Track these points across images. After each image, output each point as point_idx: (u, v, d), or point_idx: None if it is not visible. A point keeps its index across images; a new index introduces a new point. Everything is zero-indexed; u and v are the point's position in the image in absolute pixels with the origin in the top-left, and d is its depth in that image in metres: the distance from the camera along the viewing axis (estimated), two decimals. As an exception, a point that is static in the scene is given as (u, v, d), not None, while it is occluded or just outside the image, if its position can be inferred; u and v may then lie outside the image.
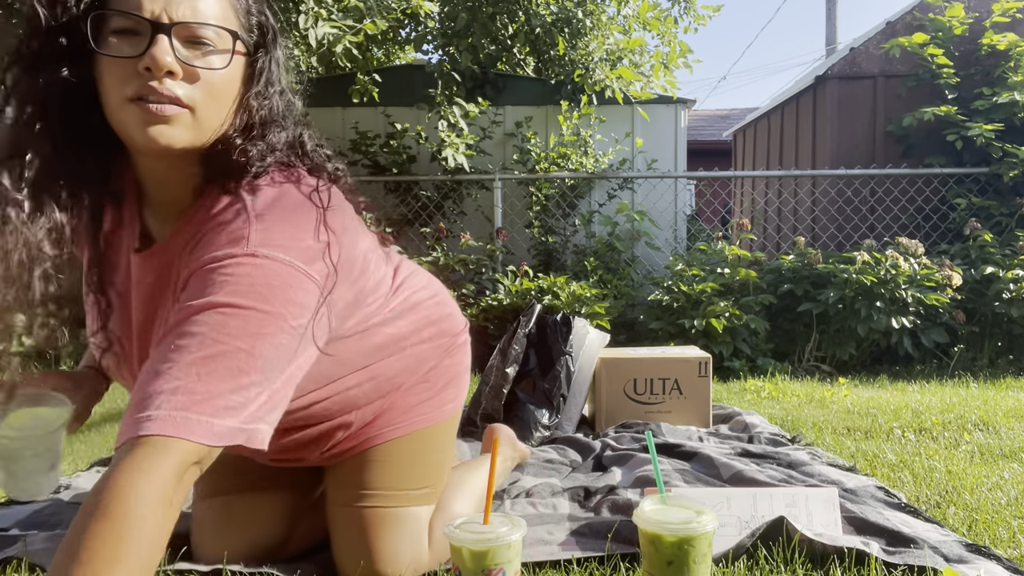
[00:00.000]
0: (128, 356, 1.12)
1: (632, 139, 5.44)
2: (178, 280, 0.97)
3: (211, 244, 0.92)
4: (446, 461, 1.40)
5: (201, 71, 0.92)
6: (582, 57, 5.67)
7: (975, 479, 1.81)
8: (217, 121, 0.96)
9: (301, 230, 0.95)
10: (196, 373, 0.82)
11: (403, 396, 1.30)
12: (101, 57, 0.90)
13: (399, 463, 1.31)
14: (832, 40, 13.01)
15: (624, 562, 1.28)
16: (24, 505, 1.64)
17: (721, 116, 15.81)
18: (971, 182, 4.78)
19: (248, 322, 0.86)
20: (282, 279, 0.90)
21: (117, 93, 0.89)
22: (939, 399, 3.00)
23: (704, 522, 1.04)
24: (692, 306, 4.03)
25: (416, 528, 1.28)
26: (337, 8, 4.55)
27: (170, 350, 0.84)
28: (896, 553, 1.28)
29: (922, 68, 5.16)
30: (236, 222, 0.93)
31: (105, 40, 0.89)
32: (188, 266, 0.93)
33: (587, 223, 5.04)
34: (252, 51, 0.99)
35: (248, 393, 0.84)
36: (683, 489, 1.54)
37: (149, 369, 0.83)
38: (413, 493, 1.31)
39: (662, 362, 2.45)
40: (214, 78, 0.93)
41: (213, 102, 0.94)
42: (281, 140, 1.02)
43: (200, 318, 0.85)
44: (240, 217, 0.93)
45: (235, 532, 1.31)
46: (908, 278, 3.93)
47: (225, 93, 0.95)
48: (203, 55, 0.92)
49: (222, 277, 0.88)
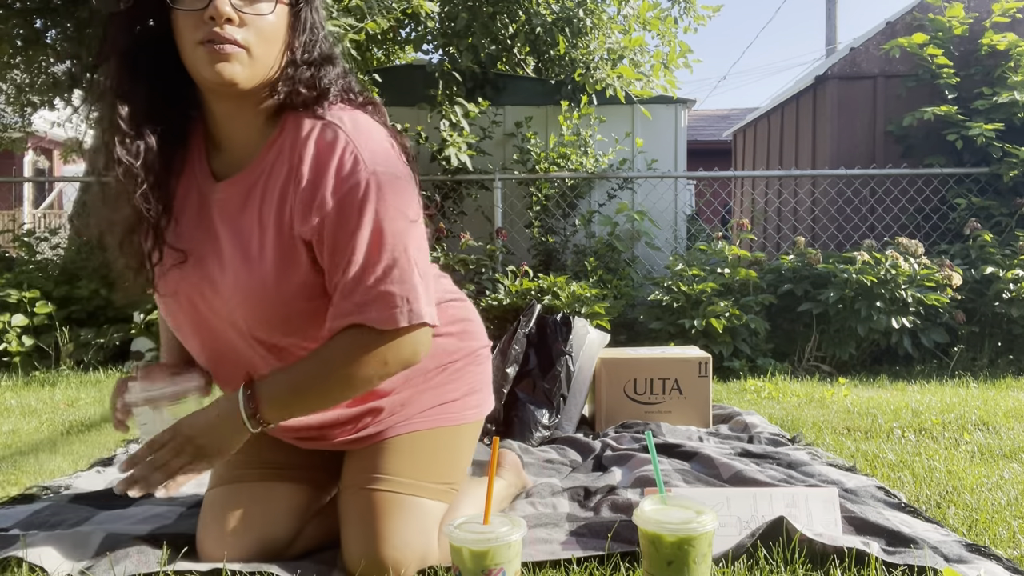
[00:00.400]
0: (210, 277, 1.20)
1: (632, 139, 5.44)
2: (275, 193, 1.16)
3: (326, 165, 1.13)
4: (463, 464, 1.40)
5: (252, 16, 1.10)
6: (583, 56, 5.67)
7: (975, 479, 1.81)
8: (269, 59, 1.14)
9: (387, 147, 1.17)
10: (423, 275, 1.15)
11: (429, 391, 1.36)
12: (177, 12, 1.10)
13: (417, 454, 1.33)
14: (832, 40, 13.01)
15: (624, 562, 1.28)
16: (24, 505, 1.64)
17: (721, 116, 15.81)
18: (971, 182, 4.78)
19: (412, 230, 1.15)
20: (403, 188, 1.15)
21: (190, 38, 1.09)
22: (939, 399, 3.00)
23: (704, 522, 1.04)
24: (692, 306, 4.03)
25: (426, 520, 1.28)
26: (338, 8, 4.55)
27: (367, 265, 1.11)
28: (896, 553, 1.28)
29: (922, 68, 5.15)
30: (339, 143, 1.13)
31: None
32: (308, 184, 1.13)
33: (587, 223, 5.04)
34: (294, 2, 1.16)
35: (428, 283, 1.17)
36: (683, 489, 1.54)
37: (357, 282, 1.11)
38: (427, 485, 1.31)
39: (662, 362, 2.45)
40: (263, 22, 1.11)
41: (264, 43, 1.12)
42: (337, 73, 1.21)
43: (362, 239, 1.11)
44: (340, 138, 1.13)
45: (244, 520, 1.30)
46: (908, 278, 3.93)
47: (273, 35, 1.13)
48: (253, 4, 1.10)
49: (362, 198, 1.11)
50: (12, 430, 2.55)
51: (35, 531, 1.41)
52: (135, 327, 4.11)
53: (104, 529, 1.39)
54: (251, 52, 1.10)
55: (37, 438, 2.45)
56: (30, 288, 4.25)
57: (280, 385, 1.16)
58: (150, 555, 1.27)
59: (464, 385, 1.41)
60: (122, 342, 4.16)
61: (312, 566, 1.28)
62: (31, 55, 7.02)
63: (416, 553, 1.24)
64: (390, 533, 1.24)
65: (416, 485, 1.30)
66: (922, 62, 5.14)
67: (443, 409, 1.38)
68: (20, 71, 7.87)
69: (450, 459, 1.38)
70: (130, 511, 1.59)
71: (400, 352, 1.16)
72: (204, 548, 1.29)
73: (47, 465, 2.08)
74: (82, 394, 3.28)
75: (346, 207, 1.11)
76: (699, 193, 8.52)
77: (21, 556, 1.26)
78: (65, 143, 10.00)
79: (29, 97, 8.26)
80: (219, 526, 1.29)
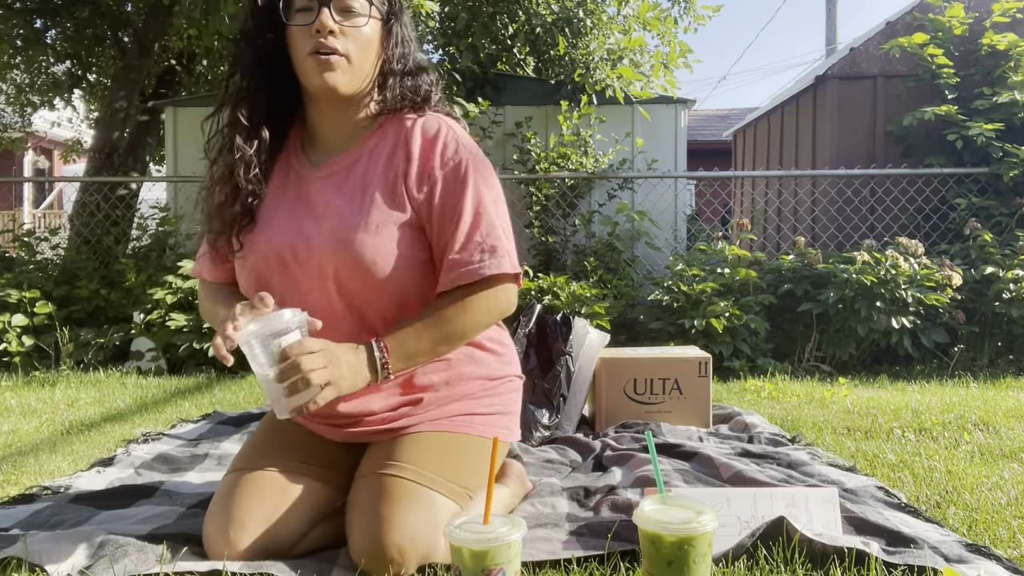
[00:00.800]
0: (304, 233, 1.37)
1: (632, 139, 5.44)
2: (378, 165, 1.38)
3: (432, 147, 1.37)
4: (480, 476, 1.38)
5: (350, 29, 1.33)
6: (583, 56, 5.67)
7: (975, 479, 1.81)
8: (366, 67, 1.37)
9: (471, 138, 1.44)
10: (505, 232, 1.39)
11: (464, 399, 1.44)
12: (291, 28, 1.33)
13: (437, 451, 1.35)
14: (832, 40, 13.02)
15: (624, 562, 1.28)
16: (24, 505, 1.64)
17: (721, 116, 15.81)
18: (971, 182, 4.77)
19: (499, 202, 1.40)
20: (489, 167, 1.41)
21: (301, 50, 1.33)
22: (939, 399, 3.00)
23: (704, 522, 1.04)
24: (692, 306, 4.03)
25: (437, 515, 1.26)
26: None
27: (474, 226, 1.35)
28: (896, 553, 1.28)
29: (922, 68, 5.15)
30: (442, 131, 1.38)
31: (291, 16, 1.33)
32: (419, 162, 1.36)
33: (587, 223, 5.03)
34: (385, 17, 1.39)
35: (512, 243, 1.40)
36: (683, 489, 1.54)
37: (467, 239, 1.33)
38: (443, 481, 1.31)
39: (662, 362, 2.45)
40: (359, 34, 1.34)
41: (361, 51, 1.35)
42: (432, 80, 1.45)
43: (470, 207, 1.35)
44: (442, 127, 1.39)
45: (255, 513, 1.29)
46: (908, 278, 3.93)
47: (368, 46, 1.36)
48: (351, 18, 1.33)
49: (464, 174, 1.36)
50: (12, 430, 2.56)
51: (35, 531, 1.41)
52: (135, 327, 4.11)
53: (104, 529, 1.39)
54: (350, 59, 1.33)
55: (37, 438, 2.45)
56: (30, 288, 4.25)
57: (406, 337, 1.31)
58: (150, 555, 1.27)
59: (497, 403, 1.49)
60: (122, 342, 4.16)
61: (313, 565, 1.27)
62: (31, 55, 7.03)
63: (422, 546, 1.22)
64: (398, 520, 1.22)
65: (431, 478, 1.30)
66: (922, 62, 5.14)
67: (471, 419, 1.43)
68: (20, 71, 7.88)
69: (469, 465, 1.37)
70: (130, 511, 1.59)
71: (500, 301, 1.37)
72: (209, 535, 1.29)
73: (47, 465, 2.08)
74: (82, 394, 3.28)
75: (451, 180, 1.36)
76: (699, 193, 8.51)
77: (21, 556, 1.26)
78: (65, 143, 10.02)
79: (29, 97, 8.27)
80: (228, 515, 1.28)
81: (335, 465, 1.41)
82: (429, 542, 1.23)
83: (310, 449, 1.42)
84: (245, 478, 1.34)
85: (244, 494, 1.31)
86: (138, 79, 6.10)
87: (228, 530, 1.27)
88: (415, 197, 1.35)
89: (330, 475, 1.39)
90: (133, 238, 5.26)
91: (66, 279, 4.56)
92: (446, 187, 1.35)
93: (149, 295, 4.13)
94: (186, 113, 5.58)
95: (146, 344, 4.07)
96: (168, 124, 5.61)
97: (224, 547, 1.26)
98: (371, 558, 1.20)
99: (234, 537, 1.26)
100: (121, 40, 6.95)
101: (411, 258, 1.35)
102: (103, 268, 4.79)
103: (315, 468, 1.38)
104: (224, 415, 2.70)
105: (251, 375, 3.81)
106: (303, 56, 1.32)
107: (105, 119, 5.96)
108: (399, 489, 1.26)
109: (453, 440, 1.39)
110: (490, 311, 1.37)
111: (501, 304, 1.38)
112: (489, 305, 1.36)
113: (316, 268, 1.35)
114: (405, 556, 1.20)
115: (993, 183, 4.71)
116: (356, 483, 1.33)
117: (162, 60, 7.32)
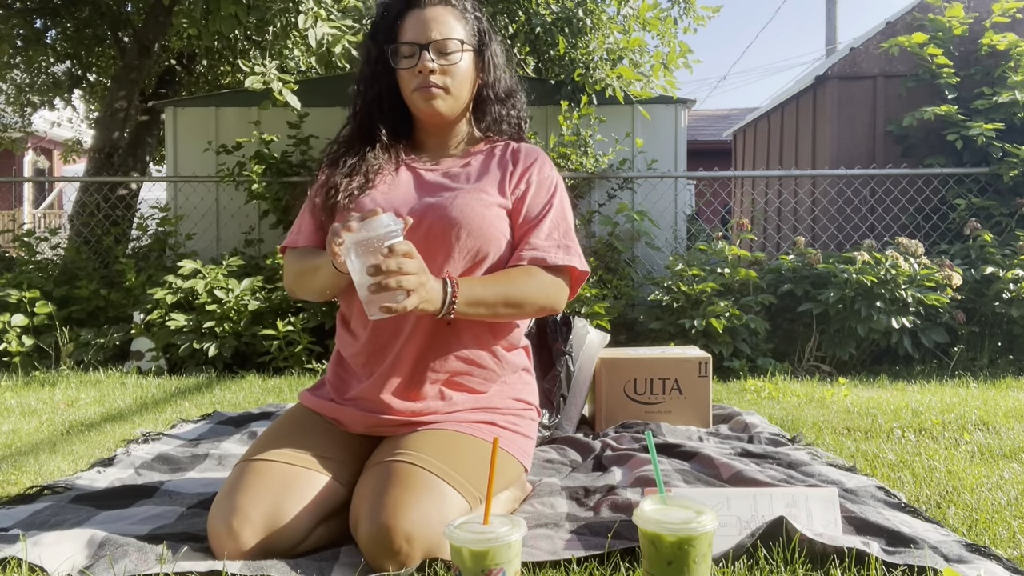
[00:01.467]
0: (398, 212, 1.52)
1: (632, 139, 5.43)
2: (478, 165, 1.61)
3: (533, 163, 1.61)
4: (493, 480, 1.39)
5: (447, 65, 1.54)
6: (583, 56, 5.67)
7: (975, 479, 1.81)
8: (463, 94, 1.58)
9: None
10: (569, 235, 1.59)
11: (487, 411, 1.50)
12: (400, 71, 1.56)
13: (451, 447, 1.36)
14: (832, 40, 13.01)
15: (624, 562, 1.28)
16: (24, 505, 1.64)
17: (721, 116, 15.81)
18: (971, 182, 4.77)
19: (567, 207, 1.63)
20: (565, 188, 1.65)
21: (408, 87, 1.56)
22: (939, 399, 3.00)
23: (704, 522, 1.04)
24: (692, 306, 4.03)
25: (446, 507, 1.26)
26: (336, 8, 4.55)
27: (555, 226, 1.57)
28: (896, 553, 1.28)
29: (922, 68, 5.15)
30: (541, 155, 1.64)
31: (399, 60, 1.55)
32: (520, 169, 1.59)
33: (587, 223, 5.03)
34: (477, 48, 1.60)
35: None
36: (683, 489, 1.54)
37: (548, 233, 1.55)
38: (454, 475, 1.31)
39: (662, 362, 2.45)
40: (455, 69, 1.55)
41: (457, 83, 1.56)
42: (523, 104, 1.71)
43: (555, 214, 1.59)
44: (541, 153, 1.65)
45: (262, 509, 1.28)
46: (908, 278, 3.93)
47: (464, 76, 1.57)
48: (448, 55, 1.53)
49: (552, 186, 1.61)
50: (12, 430, 2.56)
51: (35, 531, 1.41)
52: (135, 327, 4.11)
53: (104, 529, 1.39)
54: (449, 90, 1.55)
55: (37, 438, 2.45)
56: (30, 288, 4.25)
57: (475, 283, 1.42)
58: (150, 555, 1.27)
59: (521, 426, 1.56)
60: (122, 342, 4.16)
61: (313, 564, 1.27)
62: (31, 55, 7.03)
63: (429, 536, 1.21)
64: (406, 506, 1.22)
65: (443, 470, 1.30)
66: (922, 62, 5.14)
67: (490, 429, 1.48)
68: (20, 71, 7.87)
69: (482, 467, 1.35)
70: (130, 511, 1.59)
71: (558, 292, 1.53)
72: (212, 525, 1.29)
73: (47, 465, 2.08)
74: (82, 394, 3.28)
75: (543, 188, 1.60)
76: (699, 193, 8.51)
77: (21, 556, 1.26)
78: (65, 143, 10.01)
79: (29, 97, 8.27)
80: (233, 504, 1.28)
81: (347, 459, 1.41)
82: (432, 530, 1.22)
83: (324, 441, 1.43)
84: (253, 467, 1.34)
85: (249, 483, 1.31)
86: (138, 79, 6.10)
87: (231, 520, 1.27)
88: (515, 191, 1.57)
89: (341, 470, 1.39)
90: (133, 238, 5.26)
91: (66, 279, 4.56)
92: (539, 190, 1.59)
93: (149, 295, 4.13)
94: (186, 113, 5.58)
95: (146, 344, 4.07)
96: (168, 124, 5.61)
97: (227, 538, 1.26)
98: (376, 544, 1.20)
99: (237, 527, 1.26)
100: (121, 40, 6.94)
101: (502, 231, 1.53)
102: (103, 268, 4.79)
103: (327, 461, 1.39)
104: (224, 415, 2.70)
105: (251, 375, 3.81)
106: (410, 91, 1.55)
107: (105, 119, 5.96)
108: (412, 476, 1.26)
109: (472, 443, 1.41)
110: (548, 295, 1.51)
111: (559, 296, 1.53)
112: (549, 289, 1.51)
113: (425, 228, 1.47)
114: (413, 544, 1.20)
115: (993, 183, 4.71)
116: (366, 471, 1.33)
117: (162, 60, 7.32)
